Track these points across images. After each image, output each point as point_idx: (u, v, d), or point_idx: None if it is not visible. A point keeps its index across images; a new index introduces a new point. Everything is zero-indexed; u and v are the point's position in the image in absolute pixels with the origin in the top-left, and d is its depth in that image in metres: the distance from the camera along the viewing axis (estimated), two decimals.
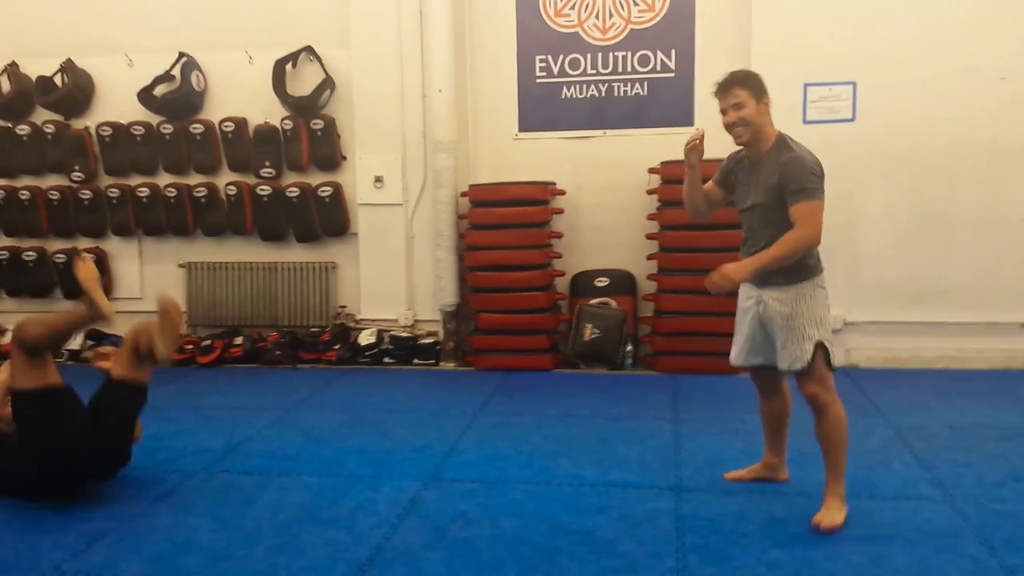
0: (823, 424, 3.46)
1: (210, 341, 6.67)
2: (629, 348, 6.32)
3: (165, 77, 6.82)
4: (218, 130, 6.80)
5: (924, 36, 5.99)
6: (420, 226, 6.68)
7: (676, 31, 6.45)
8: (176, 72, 6.79)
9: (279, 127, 6.72)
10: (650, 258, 6.33)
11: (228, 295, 6.96)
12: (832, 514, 3.42)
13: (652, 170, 6.27)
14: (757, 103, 3.42)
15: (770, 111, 3.46)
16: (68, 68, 6.91)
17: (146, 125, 6.87)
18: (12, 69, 7.01)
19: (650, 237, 6.30)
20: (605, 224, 6.59)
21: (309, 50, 6.69)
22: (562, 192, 6.49)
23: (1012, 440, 4.49)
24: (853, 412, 4.95)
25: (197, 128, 6.79)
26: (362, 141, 6.66)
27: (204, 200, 6.81)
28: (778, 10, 6.12)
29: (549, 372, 6.32)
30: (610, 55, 6.55)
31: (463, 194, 6.53)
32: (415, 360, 6.57)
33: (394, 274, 6.72)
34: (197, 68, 6.82)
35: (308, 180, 6.77)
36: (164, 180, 6.94)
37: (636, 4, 6.48)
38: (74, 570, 3.22)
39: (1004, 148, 5.99)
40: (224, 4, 6.79)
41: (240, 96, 6.84)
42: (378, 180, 6.64)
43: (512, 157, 6.68)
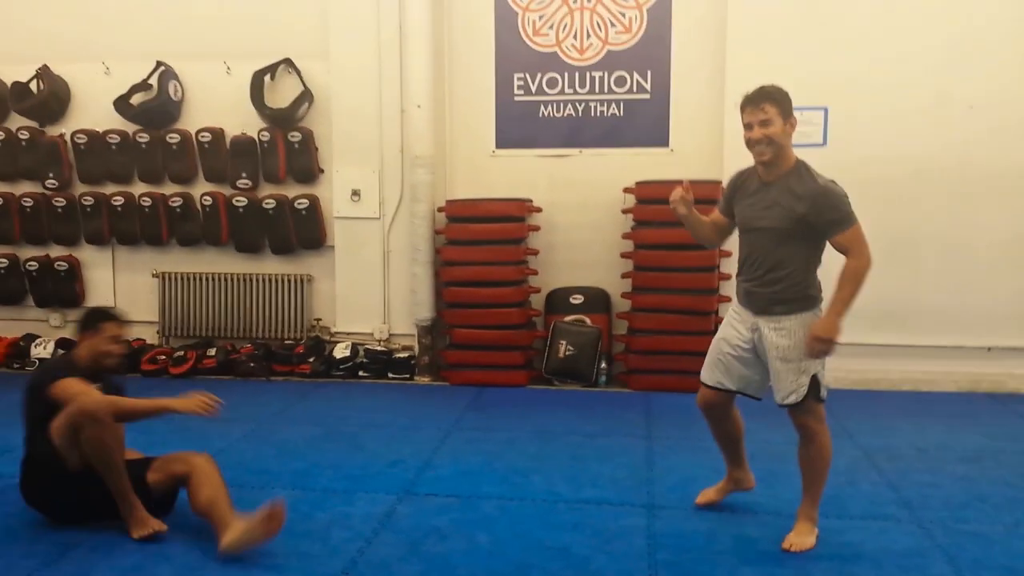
0: (810, 451, 3.46)
1: (183, 352, 6.63)
2: (603, 366, 6.37)
3: (142, 86, 6.80)
4: (195, 140, 6.78)
5: (895, 64, 6.12)
6: (396, 240, 6.69)
7: (652, 53, 6.54)
8: (153, 81, 6.77)
9: (256, 138, 6.72)
10: (624, 276, 6.39)
11: (202, 306, 6.93)
12: (803, 537, 3.47)
13: (627, 189, 6.34)
14: (784, 123, 3.34)
15: (792, 134, 3.38)
16: (44, 74, 6.87)
17: (122, 133, 6.83)
18: None
19: (625, 256, 6.36)
20: (580, 242, 6.65)
21: (288, 62, 6.70)
22: (538, 209, 6.54)
23: (977, 462, 4.59)
24: None
25: (173, 138, 6.76)
26: (340, 154, 6.68)
27: (179, 210, 6.79)
28: (752, 35, 6.23)
29: (523, 388, 6.34)
30: (587, 75, 6.63)
31: (440, 209, 6.56)
32: (390, 374, 6.57)
33: (370, 288, 6.73)
34: (175, 77, 6.80)
35: (285, 192, 6.77)
36: (139, 189, 6.90)
37: (613, 26, 6.56)
38: None
39: (972, 175, 6.13)
40: (203, 14, 6.77)
41: (218, 107, 6.82)
42: (355, 194, 6.65)
43: (489, 173, 6.73)
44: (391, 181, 6.65)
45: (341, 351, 6.63)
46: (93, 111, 6.92)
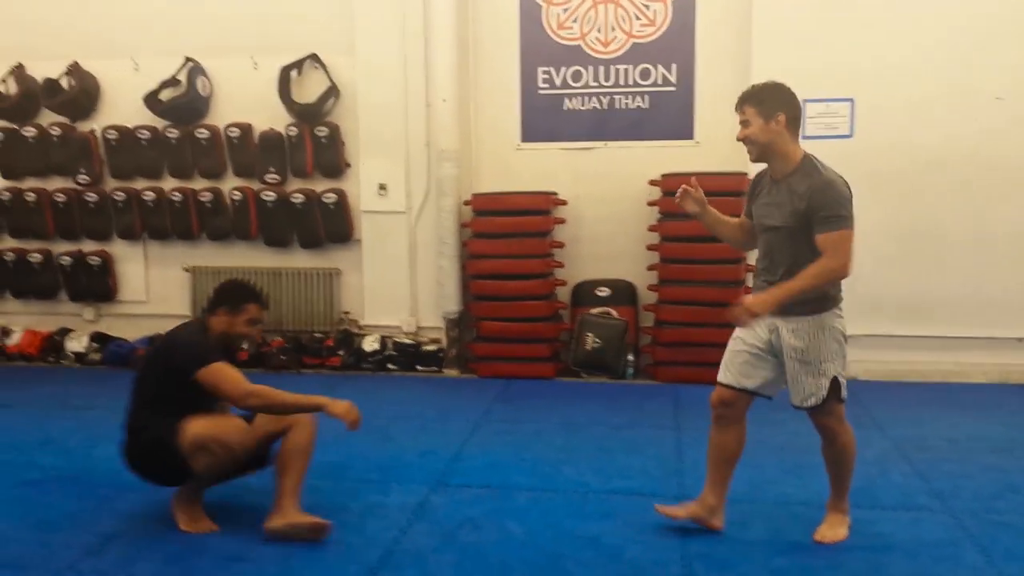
0: (833, 450, 3.44)
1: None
2: (630, 358, 6.39)
3: (171, 82, 6.87)
4: (223, 135, 6.85)
5: (922, 55, 6.09)
6: (423, 234, 6.74)
7: (677, 46, 6.53)
8: (182, 77, 6.84)
9: (284, 133, 6.78)
10: (651, 269, 6.40)
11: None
12: (835, 529, 3.48)
13: (653, 182, 6.34)
14: (765, 122, 3.26)
15: (789, 129, 3.29)
16: (74, 71, 6.96)
17: (152, 129, 6.91)
18: (18, 71, 7.05)
19: (651, 248, 6.38)
20: (606, 234, 6.66)
21: (314, 58, 6.75)
22: (564, 202, 6.56)
23: (1009, 452, 4.58)
24: (852, 423, 5.07)
25: (202, 133, 6.84)
26: (366, 149, 6.72)
27: (209, 205, 6.86)
28: (778, 26, 6.21)
29: (550, 380, 6.38)
30: (612, 68, 6.64)
31: (466, 203, 6.60)
32: (418, 367, 6.62)
33: (397, 281, 6.78)
34: (203, 73, 6.87)
35: (312, 186, 6.83)
36: (170, 184, 6.99)
37: (638, 19, 6.56)
38: (89, 569, 3.28)
39: (999, 166, 6.08)
40: (231, 11, 6.83)
41: (245, 102, 6.88)
42: (382, 188, 6.70)
43: (514, 167, 6.76)
44: (417, 175, 6.69)
45: (370, 344, 6.69)
46: (123, 107, 7.01)
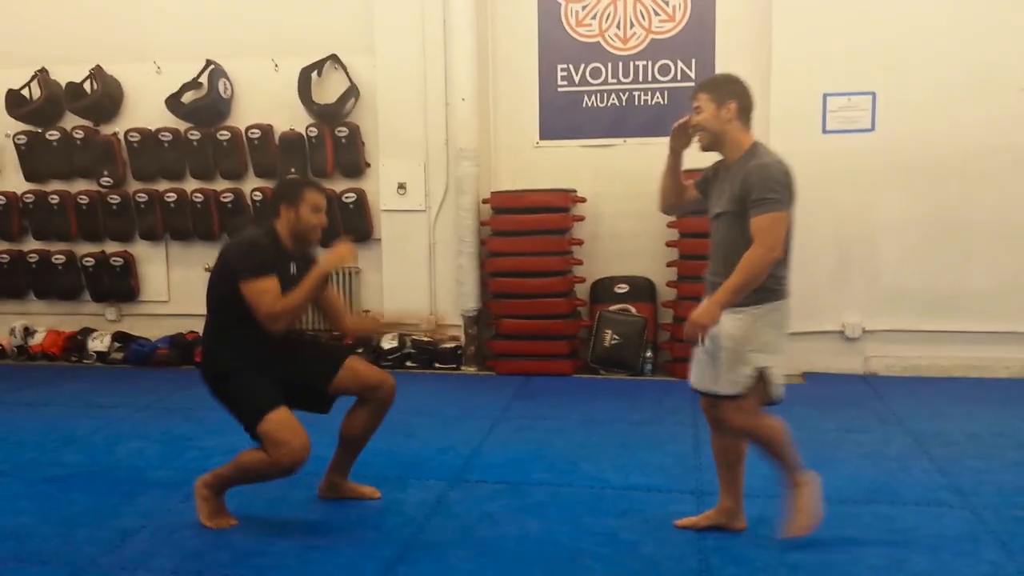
0: (756, 446, 3.33)
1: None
2: (649, 354, 6.38)
3: (193, 84, 6.94)
4: (244, 137, 6.91)
5: (943, 46, 6.03)
6: (442, 232, 6.76)
7: (696, 41, 6.52)
8: (204, 79, 6.90)
9: (304, 134, 6.82)
10: (669, 265, 6.38)
11: None
12: (802, 519, 3.30)
13: None
14: (717, 108, 3.22)
15: (740, 118, 3.23)
16: (97, 75, 7.05)
17: (174, 131, 6.99)
18: (42, 75, 7.14)
19: (670, 244, 6.36)
20: (625, 231, 6.66)
21: (334, 58, 6.80)
22: (583, 199, 6.56)
23: None
24: (871, 420, 5.09)
25: (224, 134, 6.90)
26: (386, 148, 6.76)
27: (230, 205, 6.92)
28: (798, 20, 6.18)
29: (569, 377, 6.38)
30: (631, 64, 6.63)
31: (485, 201, 6.62)
32: (436, 364, 6.65)
33: (416, 279, 6.80)
34: (224, 76, 6.94)
35: (332, 186, 6.84)
36: (191, 185, 7.06)
37: (657, 14, 6.55)
38: (110, 564, 3.31)
39: (1023, 157, 6.01)
40: (251, 13, 6.90)
41: (266, 103, 6.94)
42: (401, 187, 6.73)
43: (533, 165, 6.77)
44: (436, 174, 6.72)
45: (388, 342, 6.72)
46: (145, 110, 7.09)
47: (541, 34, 6.71)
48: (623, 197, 6.60)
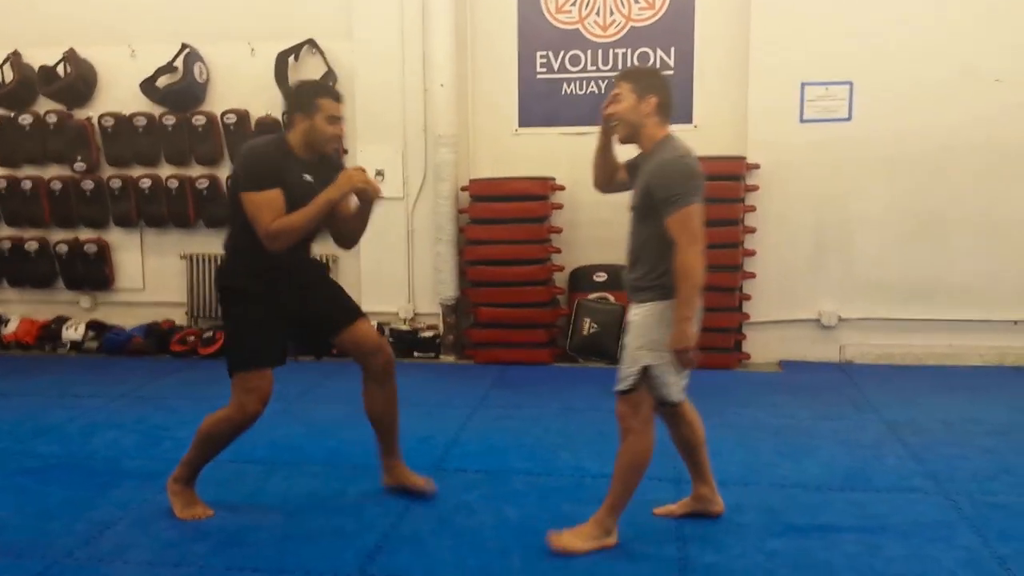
0: (622, 448, 3.21)
1: (212, 332, 6.71)
2: None
3: (168, 68, 6.84)
4: (220, 122, 6.83)
5: (921, 37, 6.07)
6: (420, 220, 6.73)
7: (676, 29, 6.51)
8: (179, 63, 6.80)
9: (281, 119, 6.74)
10: None
11: None
12: (573, 539, 3.24)
13: None
14: (637, 100, 3.17)
15: (658, 113, 3.18)
16: (71, 58, 6.92)
17: (148, 116, 6.89)
18: (15, 58, 7.01)
19: None
20: (604, 220, 6.62)
21: (311, 43, 6.73)
22: (561, 187, 6.55)
23: (1004, 435, 4.59)
24: (846, 407, 5.13)
25: (199, 120, 6.81)
26: (363, 134, 6.71)
27: (206, 192, 6.85)
28: (776, 9, 6.19)
29: (547, 366, 6.39)
30: (610, 52, 6.61)
31: (463, 188, 6.59)
32: (415, 353, 6.63)
33: (394, 267, 6.78)
34: (200, 60, 6.85)
35: None
36: (166, 171, 6.97)
37: (636, 2, 6.53)
38: (86, 556, 3.29)
39: (999, 149, 6.07)
40: None
41: (243, 88, 6.86)
42: (379, 173, 6.68)
43: (512, 152, 6.74)
44: (415, 160, 6.68)
45: None
46: (119, 94, 6.98)
47: (521, 20, 6.67)
48: None
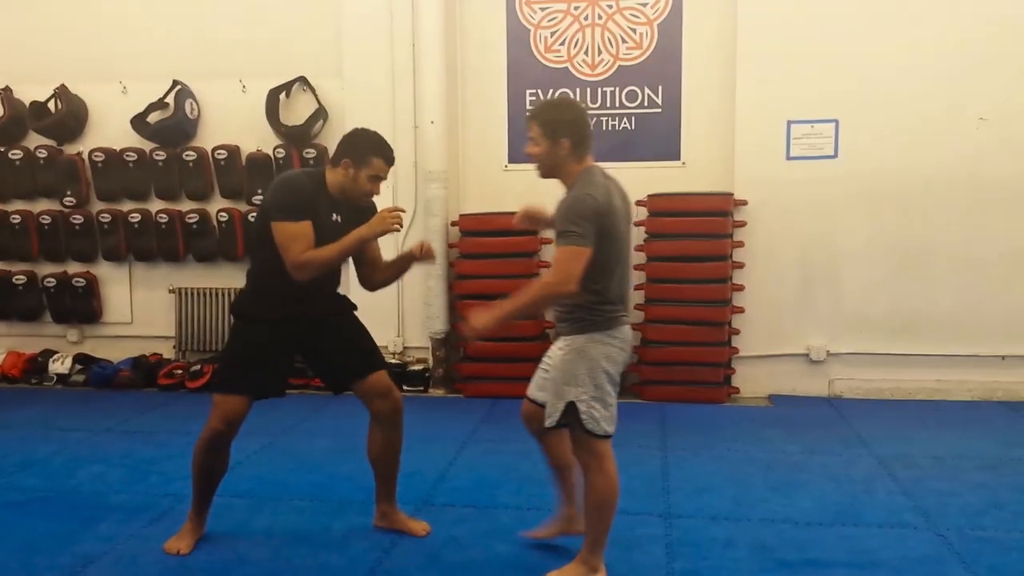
0: (586, 488, 3.22)
1: (200, 366, 6.67)
2: None
3: (159, 104, 6.87)
4: (211, 157, 6.85)
5: (905, 76, 6.15)
6: None
7: (663, 68, 6.58)
8: (170, 100, 6.84)
9: (272, 155, 6.78)
10: (637, 288, 6.40)
11: (218, 321, 6.98)
12: None
13: (639, 202, 6.36)
14: (551, 145, 3.19)
15: (573, 152, 3.20)
16: (62, 94, 6.95)
17: (139, 151, 6.90)
18: (6, 94, 7.04)
19: (637, 268, 6.38)
20: None
21: (303, 80, 6.78)
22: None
23: (993, 470, 4.59)
24: (836, 442, 5.13)
25: (190, 155, 6.83)
26: None
27: (196, 226, 6.85)
28: (763, 49, 6.27)
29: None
30: (599, 90, 6.69)
31: (453, 223, 6.62)
32: (404, 386, 6.59)
33: (384, 301, 6.70)
34: (191, 96, 6.88)
35: None
36: (156, 206, 6.96)
37: (624, 41, 6.62)
38: None
39: (983, 186, 6.14)
40: (219, 34, 6.86)
41: (233, 124, 6.89)
42: None
43: (502, 187, 6.77)
44: (405, 196, 6.70)
45: None
46: (110, 130, 7.01)
47: (510, 59, 6.74)
48: None
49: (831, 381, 6.35)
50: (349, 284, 3.92)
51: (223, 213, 6.83)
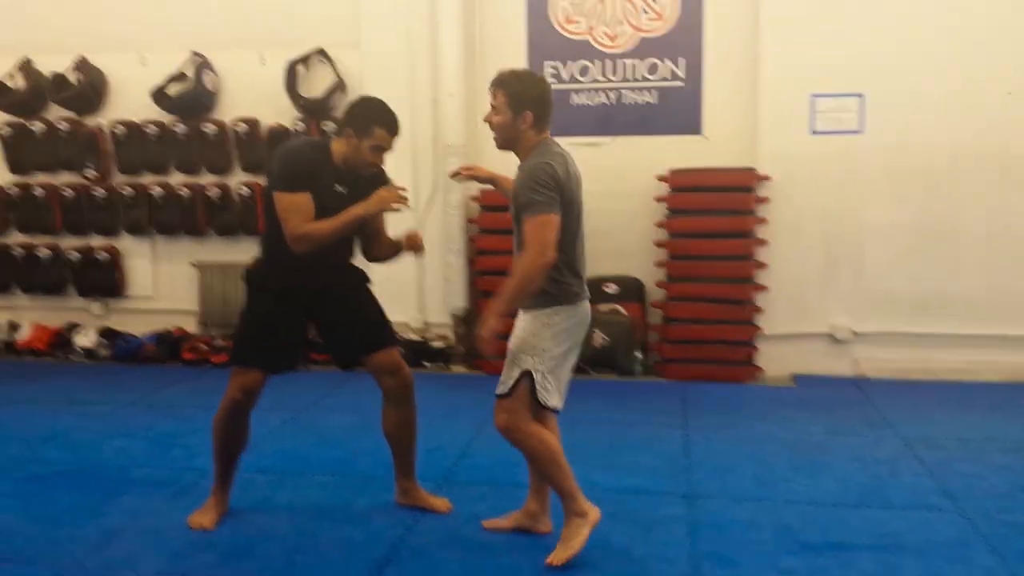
0: (526, 456, 3.30)
1: (223, 341, 6.70)
2: (639, 355, 6.35)
3: (178, 77, 6.84)
4: (231, 130, 6.83)
5: (932, 49, 6.03)
6: (430, 230, 6.67)
7: (685, 40, 6.48)
8: (189, 72, 6.81)
9: (291, 128, 6.75)
10: (658, 265, 6.36)
11: (240, 295, 6.92)
12: (567, 547, 3.22)
13: (660, 177, 6.31)
14: (514, 116, 3.18)
15: (535, 125, 3.21)
16: (82, 66, 6.94)
17: (159, 124, 6.90)
18: (26, 66, 7.03)
19: (659, 244, 6.34)
20: (614, 230, 6.60)
21: (321, 52, 6.72)
22: None
23: (1020, 452, 4.53)
24: (860, 423, 5.09)
25: (210, 128, 6.82)
26: None
27: (217, 200, 6.85)
28: (786, 21, 6.15)
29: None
30: (619, 63, 6.60)
31: (473, 198, 6.58)
32: (425, 363, 6.60)
33: (404, 277, 6.72)
34: (210, 68, 6.85)
35: None
36: (177, 179, 6.97)
37: (646, 13, 6.51)
38: (95, 565, 3.28)
39: (1011, 162, 6.02)
40: (237, 5, 6.82)
41: (253, 97, 6.85)
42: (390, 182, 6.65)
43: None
44: (424, 170, 6.66)
45: None
46: (130, 102, 6.99)
47: (530, 30, 6.66)
48: (611, 196, 6.52)
49: (856, 360, 6.28)
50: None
51: (244, 187, 6.81)
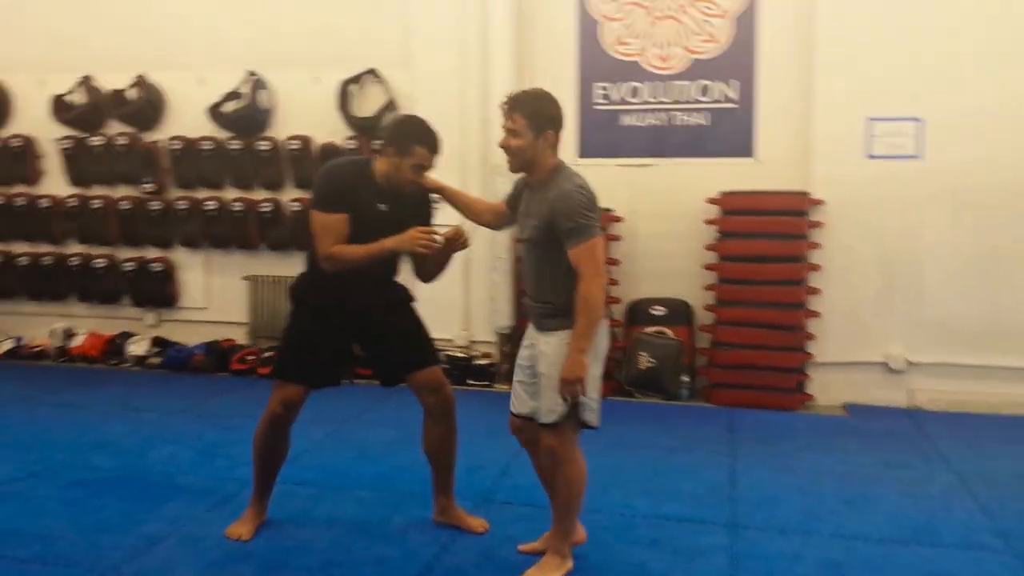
0: (559, 479, 3.27)
1: (272, 352, 6.76)
2: (686, 379, 6.26)
3: (234, 95, 6.97)
4: (284, 148, 6.94)
5: (991, 72, 5.87)
6: (477, 248, 6.63)
7: (738, 62, 6.41)
8: (245, 90, 6.94)
9: (343, 146, 6.83)
10: (708, 289, 6.28)
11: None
12: (543, 571, 3.26)
13: (711, 200, 6.23)
14: (535, 136, 3.15)
15: (554, 144, 3.21)
16: (141, 83, 7.13)
17: (214, 140, 7.03)
18: (87, 82, 7.25)
19: (708, 268, 6.26)
20: (663, 252, 6.55)
21: (373, 72, 6.81)
22: (620, 219, 6.48)
23: None
24: (913, 456, 4.94)
25: (263, 145, 6.93)
26: None
27: (269, 215, 6.95)
28: (842, 44, 6.04)
29: (603, 399, 6.25)
30: (671, 84, 6.55)
31: None
32: (469, 380, 6.58)
33: (450, 295, 6.72)
34: (265, 87, 6.97)
35: None
36: (231, 194, 7.10)
37: (698, 35, 6.47)
38: (133, 571, 3.31)
39: None
40: (292, 26, 6.93)
41: (306, 115, 6.96)
42: (436, 202, 6.68)
43: None
44: (472, 189, 6.60)
45: None
46: (187, 119, 7.14)
47: (580, 52, 6.65)
48: (661, 217, 6.51)
49: (911, 391, 6.10)
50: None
51: (295, 203, 6.90)
